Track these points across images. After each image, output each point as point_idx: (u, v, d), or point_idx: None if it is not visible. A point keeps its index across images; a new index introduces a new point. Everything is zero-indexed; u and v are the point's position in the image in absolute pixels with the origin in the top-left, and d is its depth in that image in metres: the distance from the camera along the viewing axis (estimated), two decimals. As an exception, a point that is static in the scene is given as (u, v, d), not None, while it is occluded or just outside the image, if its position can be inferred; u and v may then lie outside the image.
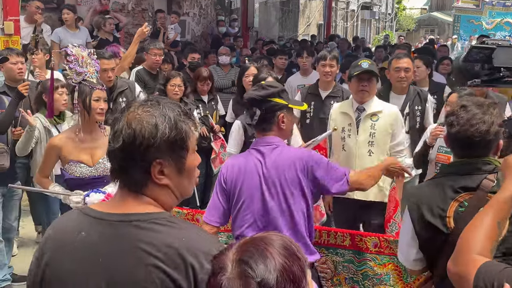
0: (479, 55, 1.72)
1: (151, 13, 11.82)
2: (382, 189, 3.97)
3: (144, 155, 1.43)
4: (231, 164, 2.83)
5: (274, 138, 2.78)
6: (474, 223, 1.62)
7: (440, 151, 4.05)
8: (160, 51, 6.16)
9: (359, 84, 3.95)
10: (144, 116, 1.44)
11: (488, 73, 1.72)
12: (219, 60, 7.84)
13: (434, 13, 37.46)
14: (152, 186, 1.47)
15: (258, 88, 2.82)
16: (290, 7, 20.05)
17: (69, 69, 3.39)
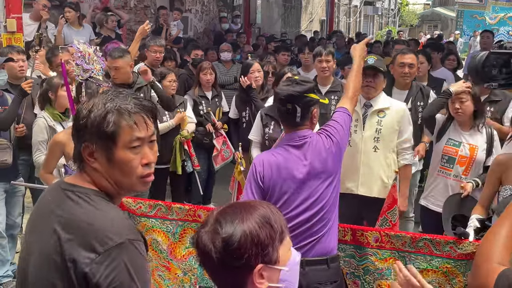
0: (497, 60, 1.70)
1: (153, 10, 11.82)
2: (386, 185, 3.95)
3: (79, 135, 1.59)
4: (268, 162, 2.76)
5: (307, 131, 2.80)
6: (489, 235, 1.64)
7: (449, 143, 4.04)
8: (161, 48, 6.16)
9: (364, 80, 3.89)
10: (92, 101, 1.60)
11: (506, 77, 1.70)
12: (221, 56, 7.85)
13: (437, 9, 37.37)
14: (87, 166, 1.61)
15: (292, 84, 2.81)
16: (292, 3, 20.02)
17: (76, 66, 3.39)
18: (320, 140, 2.78)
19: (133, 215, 3.38)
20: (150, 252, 3.33)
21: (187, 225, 3.31)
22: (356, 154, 3.98)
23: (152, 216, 3.35)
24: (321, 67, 5.09)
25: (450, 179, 4.02)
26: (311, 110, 2.80)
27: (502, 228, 1.62)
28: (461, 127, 4.04)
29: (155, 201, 3.42)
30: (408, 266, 1.68)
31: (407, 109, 4.14)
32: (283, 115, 2.82)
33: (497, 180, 3.26)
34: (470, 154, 3.95)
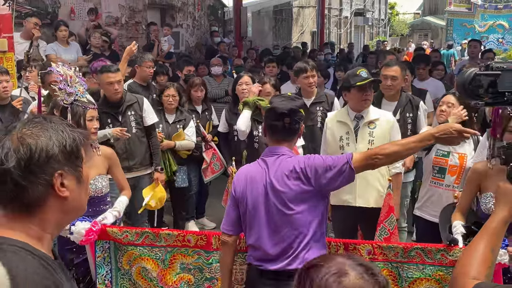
0: (482, 82, 1.71)
1: (145, 26, 11.90)
2: (382, 194, 4.00)
3: (44, 168, 1.42)
4: (241, 173, 2.89)
5: (283, 148, 2.82)
6: (468, 249, 1.67)
7: (438, 154, 4.10)
8: (152, 63, 6.24)
9: (362, 94, 3.96)
10: (36, 131, 1.44)
11: (492, 96, 1.71)
12: (211, 70, 7.90)
13: (427, 18, 37.64)
14: (52, 202, 1.45)
15: (287, 99, 2.87)
16: (283, 16, 20.16)
17: (59, 90, 3.29)
18: (289, 162, 2.74)
19: (119, 244, 3.30)
20: (140, 281, 3.29)
21: (176, 251, 3.26)
22: None
23: (140, 244, 3.28)
24: (308, 82, 5.14)
25: (442, 189, 4.07)
26: (300, 125, 2.86)
27: (481, 243, 1.65)
28: None
29: (141, 229, 3.37)
30: None
31: (395, 120, 4.21)
32: (277, 130, 2.82)
33: (475, 188, 3.29)
34: (460, 163, 4.01)
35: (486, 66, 1.74)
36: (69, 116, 3.26)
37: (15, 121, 1.51)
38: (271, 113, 2.86)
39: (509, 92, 1.70)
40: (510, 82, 1.70)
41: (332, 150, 4.14)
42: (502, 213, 1.68)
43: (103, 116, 4.67)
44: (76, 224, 3.10)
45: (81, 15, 10.21)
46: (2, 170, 1.38)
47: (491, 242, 1.65)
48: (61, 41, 7.82)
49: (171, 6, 13.49)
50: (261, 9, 17.97)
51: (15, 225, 1.42)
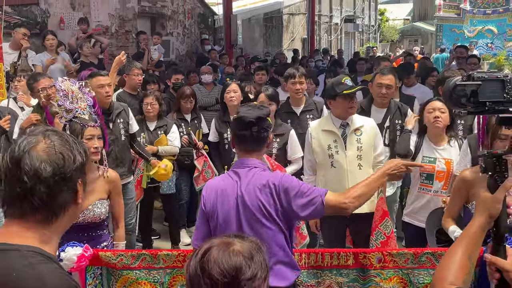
0: (463, 92, 1.74)
1: (135, 34, 11.92)
2: (373, 199, 4.00)
3: (73, 176, 1.53)
4: (211, 186, 2.74)
5: (254, 160, 2.72)
6: (447, 255, 1.69)
7: (424, 161, 4.12)
8: (140, 70, 6.24)
9: (348, 102, 4.00)
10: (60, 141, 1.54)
11: (474, 106, 1.73)
12: (202, 79, 7.91)
13: (417, 23, 37.91)
14: (71, 208, 1.55)
15: (253, 108, 2.79)
16: (273, 23, 20.24)
17: (58, 107, 3.16)
18: (264, 176, 2.64)
19: (113, 269, 3.11)
20: None
21: (176, 272, 3.09)
22: (343, 174, 4.05)
23: (136, 268, 3.09)
24: (295, 89, 5.16)
25: (430, 195, 4.10)
26: (268, 134, 2.78)
27: (459, 249, 1.67)
28: (434, 142, 4.13)
29: (138, 251, 3.22)
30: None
31: (376, 126, 4.26)
32: (245, 139, 2.73)
33: (463, 196, 3.30)
34: (447, 168, 4.05)
35: (468, 76, 1.76)
36: None
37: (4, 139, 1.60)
38: (238, 123, 2.75)
39: (490, 101, 1.72)
40: (491, 92, 1.73)
41: (321, 159, 4.16)
42: (480, 220, 1.71)
43: None
44: (66, 250, 2.91)
45: (71, 24, 10.21)
46: (39, 181, 1.46)
47: (469, 249, 1.67)
48: (49, 51, 7.82)
49: (161, 15, 13.52)
50: (251, 17, 18.05)
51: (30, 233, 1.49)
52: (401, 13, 44.57)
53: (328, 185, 4.10)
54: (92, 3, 10.91)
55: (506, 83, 1.72)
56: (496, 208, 1.70)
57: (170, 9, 13.78)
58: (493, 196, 1.70)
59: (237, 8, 17.12)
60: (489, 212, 1.70)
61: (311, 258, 3.08)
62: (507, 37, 29.68)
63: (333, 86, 4.04)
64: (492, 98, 1.72)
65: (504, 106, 1.72)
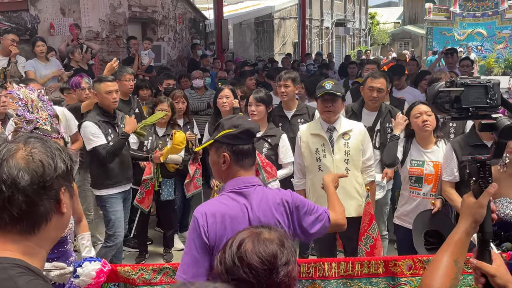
0: (446, 98, 1.74)
1: (125, 40, 11.89)
2: (360, 203, 4.07)
3: (54, 184, 1.46)
4: (211, 213, 2.32)
5: (253, 177, 2.45)
6: (434, 262, 1.70)
7: (413, 164, 4.15)
8: (132, 76, 6.23)
9: (324, 105, 4.05)
10: (41, 148, 1.47)
11: (457, 111, 1.74)
12: (193, 83, 7.91)
13: (407, 27, 38.13)
14: (54, 218, 1.48)
15: (245, 119, 2.57)
16: (265, 28, 20.28)
17: (17, 117, 2.93)
18: (275, 194, 2.44)
19: (132, 286, 2.94)
20: None
21: None
22: None
23: (158, 283, 2.92)
24: (280, 91, 5.25)
25: (420, 197, 4.12)
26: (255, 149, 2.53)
27: (445, 255, 1.68)
28: (422, 145, 4.15)
29: (159, 265, 3.03)
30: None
31: (365, 129, 4.28)
32: (249, 154, 2.44)
33: None
34: (435, 171, 4.06)
35: (451, 82, 1.76)
36: None
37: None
38: (244, 136, 2.41)
39: (473, 107, 1.73)
40: (474, 98, 1.73)
41: (309, 162, 4.19)
42: (464, 225, 1.71)
43: (104, 125, 4.83)
44: (83, 265, 2.75)
45: (61, 30, 10.17)
46: (16, 190, 1.39)
47: (454, 254, 1.68)
48: (40, 57, 7.78)
49: (152, 20, 13.50)
50: (242, 21, 18.07)
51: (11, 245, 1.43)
52: (392, 17, 44.85)
53: (316, 188, 4.15)
54: (82, 9, 10.87)
55: (489, 89, 1.73)
56: (481, 213, 1.70)
57: (161, 14, 13.77)
58: (477, 201, 1.71)
59: (228, 12, 17.16)
60: (474, 217, 1.70)
61: (341, 268, 3.04)
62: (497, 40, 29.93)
63: (316, 89, 4.13)
64: (475, 103, 1.73)
65: (487, 111, 1.73)
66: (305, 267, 3.01)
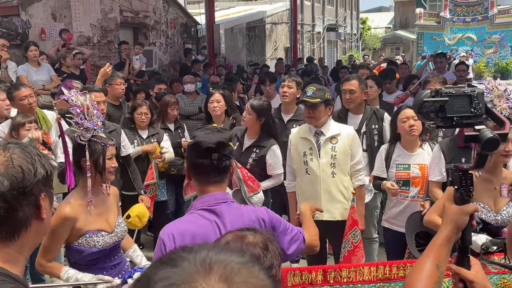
0: (431, 107, 1.76)
1: (117, 45, 11.89)
2: (346, 207, 4.09)
3: (33, 189, 1.44)
4: (180, 234, 2.17)
5: (225, 193, 2.31)
6: (417, 265, 1.73)
7: (399, 168, 4.18)
8: (123, 80, 6.24)
9: (306, 110, 4.13)
10: (20, 154, 1.46)
11: (442, 120, 1.76)
12: (185, 88, 7.93)
13: (398, 32, 38.35)
14: (33, 224, 1.47)
15: (213, 131, 2.35)
16: (256, 32, 20.35)
17: (75, 125, 2.83)
18: (250, 211, 2.32)
19: None
20: None
21: None
22: (316, 181, 4.12)
23: None
24: (282, 92, 5.29)
25: (408, 200, 4.17)
26: (230, 162, 2.35)
27: (427, 260, 1.71)
28: (407, 149, 4.19)
29: None
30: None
31: (356, 133, 4.30)
32: (205, 168, 2.27)
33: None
34: (422, 173, 4.11)
35: (436, 91, 1.78)
36: (87, 155, 2.80)
37: None
38: (195, 149, 2.29)
39: (458, 116, 1.75)
40: (459, 107, 1.76)
41: (297, 165, 4.24)
42: (445, 231, 1.74)
43: None
44: (134, 276, 2.65)
45: (52, 35, 10.16)
46: None
47: (437, 259, 1.70)
48: (32, 62, 7.78)
49: (143, 25, 13.52)
50: (234, 26, 18.12)
51: None
52: (383, 22, 45.09)
53: (304, 191, 4.21)
54: (74, 14, 10.88)
55: (473, 98, 1.75)
56: (463, 220, 1.73)
57: (152, 19, 13.78)
58: (461, 208, 1.74)
59: (220, 17, 17.20)
60: (456, 223, 1.73)
61: (379, 271, 3.09)
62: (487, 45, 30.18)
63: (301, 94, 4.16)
64: (459, 113, 1.75)
65: (471, 120, 1.76)
66: (346, 272, 3.06)
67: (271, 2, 23.25)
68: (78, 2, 10.96)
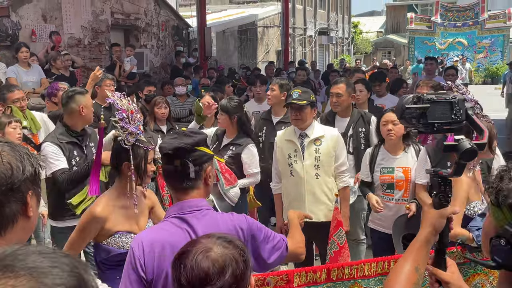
0: (413, 114, 1.79)
1: (108, 46, 11.88)
2: (330, 208, 4.13)
3: (21, 186, 1.47)
4: (149, 242, 2.06)
5: (201, 200, 2.19)
6: (396, 269, 1.77)
7: (383, 172, 4.22)
8: (112, 81, 6.23)
9: (292, 113, 4.14)
10: (9, 151, 1.47)
11: (423, 126, 1.79)
12: (176, 90, 7.93)
13: (390, 36, 38.60)
14: (20, 221, 1.49)
15: (179, 136, 2.23)
16: (248, 35, 20.39)
17: (121, 129, 2.81)
18: (226, 219, 2.20)
19: None
20: None
21: None
22: (300, 183, 4.14)
23: None
24: (266, 94, 5.41)
25: (393, 203, 4.20)
26: (204, 168, 2.20)
27: (406, 262, 1.75)
28: (390, 152, 4.23)
29: None
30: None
31: (340, 135, 4.33)
32: (170, 175, 2.20)
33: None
34: (405, 177, 4.14)
35: (418, 97, 1.81)
36: (132, 160, 2.79)
37: None
38: (160, 153, 2.22)
39: (439, 123, 1.78)
40: (440, 113, 1.79)
41: (282, 167, 4.27)
42: (423, 233, 1.79)
43: (68, 147, 4.10)
44: None
45: (43, 37, 10.13)
46: None
47: (416, 261, 1.74)
48: (22, 63, 7.77)
49: (135, 27, 13.52)
50: (225, 29, 18.14)
51: None
52: (374, 26, 45.32)
53: (289, 192, 4.23)
54: (64, 16, 10.86)
55: (454, 105, 1.78)
56: (441, 223, 1.79)
57: (144, 21, 13.78)
58: (439, 212, 1.79)
59: (212, 20, 17.22)
60: (434, 226, 1.78)
61: (379, 266, 3.17)
62: (477, 49, 30.44)
63: (287, 97, 4.21)
64: (440, 119, 1.79)
65: (452, 126, 1.79)
66: (348, 269, 3.13)
67: (263, 6, 23.31)
68: (69, 4, 10.95)
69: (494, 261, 1.44)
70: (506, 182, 1.42)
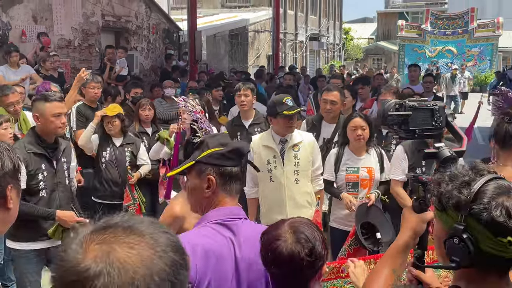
0: (395, 120, 1.83)
1: (98, 48, 11.92)
2: (311, 212, 4.19)
3: (1, 180, 1.57)
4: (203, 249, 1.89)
5: (240, 209, 2.07)
6: (375, 271, 1.85)
7: (349, 171, 4.40)
8: (98, 84, 6.26)
9: (288, 121, 4.14)
10: None
11: (405, 132, 1.84)
12: (165, 92, 8.00)
13: (381, 43, 38.88)
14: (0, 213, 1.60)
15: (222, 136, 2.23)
16: (239, 40, 20.46)
17: (199, 130, 2.81)
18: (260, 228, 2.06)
19: None
20: None
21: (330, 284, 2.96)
22: (280, 188, 4.21)
23: None
24: (240, 100, 5.45)
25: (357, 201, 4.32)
26: None
27: (385, 268, 1.82)
28: (355, 153, 4.41)
29: None
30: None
31: (315, 140, 4.47)
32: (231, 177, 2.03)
33: None
34: (369, 176, 4.36)
35: (400, 104, 1.86)
36: None
37: None
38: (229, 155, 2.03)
39: (420, 129, 1.85)
40: (421, 120, 1.85)
41: (261, 174, 4.20)
42: (403, 237, 1.84)
43: (36, 159, 3.69)
44: None
45: (33, 37, 10.16)
46: None
47: (393, 264, 1.81)
48: (11, 64, 7.83)
49: (125, 29, 13.57)
50: (216, 33, 18.21)
51: None
52: (366, 33, 45.59)
53: (267, 197, 4.29)
54: (55, 17, 10.89)
55: (434, 112, 1.85)
56: (422, 227, 1.82)
57: (134, 24, 13.84)
58: (419, 216, 1.83)
59: (203, 24, 17.27)
60: (414, 230, 1.82)
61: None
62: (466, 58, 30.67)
63: (275, 105, 4.14)
64: (421, 126, 1.85)
65: (432, 132, 1.85)
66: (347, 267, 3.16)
67: (254, 10, 23.40)
68: (60, 5, 10.98)
69: (453, 261, 1.47)
70: (444, 186, 1.49)
